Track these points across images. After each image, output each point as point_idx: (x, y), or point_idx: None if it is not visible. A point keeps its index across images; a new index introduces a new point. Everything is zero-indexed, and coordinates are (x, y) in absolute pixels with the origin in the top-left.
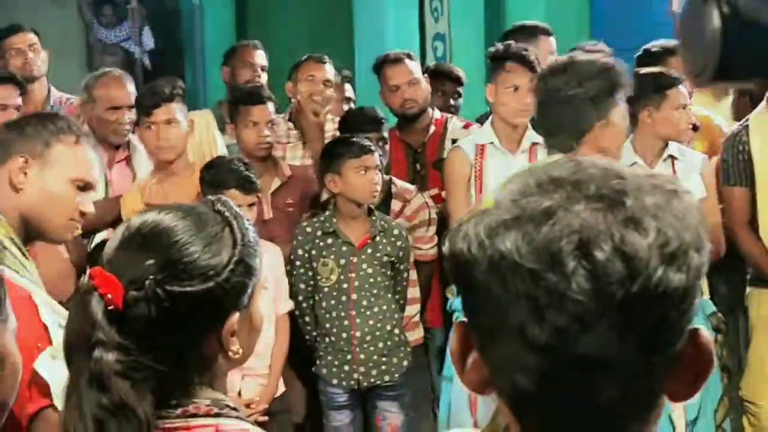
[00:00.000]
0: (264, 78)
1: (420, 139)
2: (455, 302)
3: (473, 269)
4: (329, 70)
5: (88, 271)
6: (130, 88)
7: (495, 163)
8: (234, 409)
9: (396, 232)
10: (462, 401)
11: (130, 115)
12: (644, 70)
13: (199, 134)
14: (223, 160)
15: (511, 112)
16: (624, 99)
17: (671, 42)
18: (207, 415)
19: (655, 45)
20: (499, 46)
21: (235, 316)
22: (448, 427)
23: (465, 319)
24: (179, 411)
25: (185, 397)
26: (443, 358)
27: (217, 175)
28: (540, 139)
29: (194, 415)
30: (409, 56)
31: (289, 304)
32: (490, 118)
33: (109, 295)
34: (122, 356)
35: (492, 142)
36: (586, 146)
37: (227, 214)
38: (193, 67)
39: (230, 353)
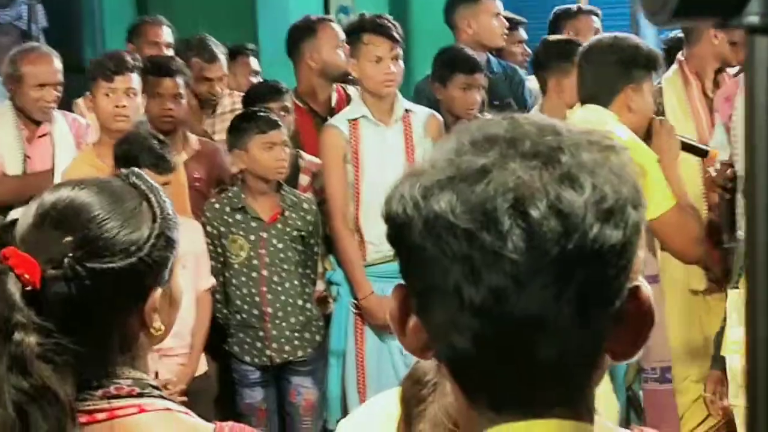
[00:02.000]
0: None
1: (326, 107)
2: (334, 275)
3: (409, 231)
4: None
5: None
6: (58, 65)
7: (369, 135)
8: (156, 388)
9: (305, 206)
10: (351, 381)
11: (56, 92)
12: (552, 38)
13: None
14: (137, 135)
15: (377, 84)
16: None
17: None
18: (129, 395)
19: (561, 8)
20: (353, 19)
21: (158, 292)
22: (342, 404)
23: (403, 283)
24: (100, 392)
25: (106, 378)
26: None
27: (130, 152)
28: (412, 105)
29: (116, 396)
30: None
31: (211, 281)
32: (359, 92)
33: (26, 275)
34: (42, 338)
35: (364, 116)
36: (618, 105)
37: (143, 187)
38: (93, 43)
39: (152, 330)
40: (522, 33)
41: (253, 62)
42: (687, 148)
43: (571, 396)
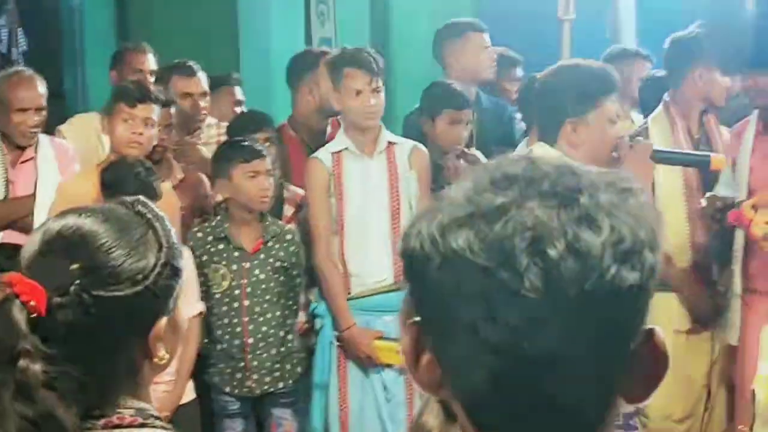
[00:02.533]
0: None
1: (320, 139)
2: (318, 307)
3: (426, 267)
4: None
5: (3, 278)
6: (41, 89)
7: (352, 167)
8: (158, 419)
9: (289, 237)
10: (334, 414)
11: (39, 117)
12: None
13: (86, 138)
14: (124, 162)
15: (357, 117)
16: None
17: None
18: (131, 425)
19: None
20: (335, 53)
21: (163, 321)
22: None
23: (417, 319)
24: (103, 422)
25: (109, 407)
26: None
27: (116, 178)
28: (395, 138)
29: (118, 426)
30: None
31: (199, 306)
32: (342, 125)
33: (32, 302)
34: (47, 366)
35: (347, 148)
36: (561, 141)
37: (149, 216)
38: (73, 68)
39: (156, 359)
40: (519, 71)
41: (237, 91)
42: (683, 162)
43: None
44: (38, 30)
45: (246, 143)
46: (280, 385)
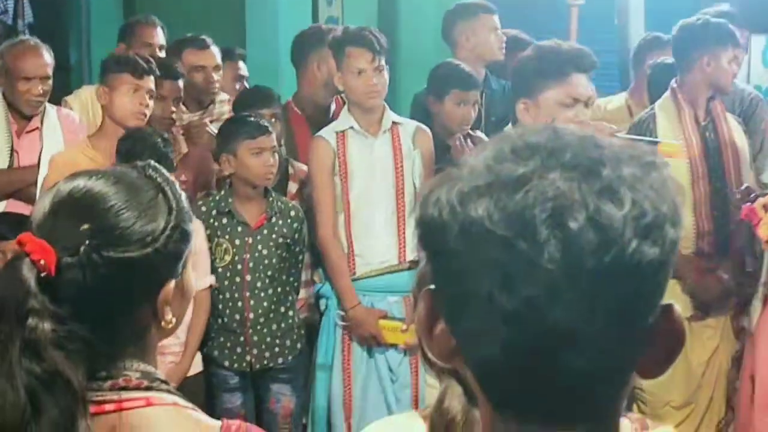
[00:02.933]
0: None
1: (325, 116)
2: (323, 288)
3: (444, 235)
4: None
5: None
6: (47, 59)
7: (357, 146)
8: (164, 382)
9: (292, 213)
10: (338, 394)
11: (44, 86)
12: None
13: (93, 109)
14: (142, 132)
15: (360, 96)
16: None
17: None
18: (137, 388)
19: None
20: (337, 32)
21: (171, 284)
22: (327, 417)
23: (432, 287)
24: (109, 383)
25: (115, 369)
26: None
27: (134, 148)
28: (399, 118)
29: (124, 388)
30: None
31: (209, 279)
32: (346, 104)
33: (42, 261)
34: (56, 325)
35: (351, 127)
36: (518, 120)
37: (159, 179)
38: (78, 42)
39: (163, 323)
40: None
41: (241, 66)
42: None
43: (597, 412)
44: (44, 2)
45: (252, 119)
46: (280, 360)
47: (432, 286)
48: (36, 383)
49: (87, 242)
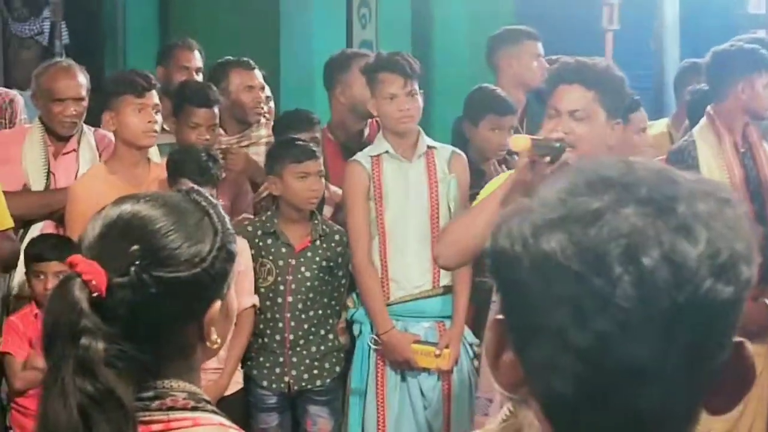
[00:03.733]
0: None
1: (357, 141)
2: (357, 313)
3: (515, 268)
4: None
5: (67, 260)
6: (81, 79)
7: (392, 170)
8: (209, 403)
9: (337, 237)
10: (371, 419)
11: (77, 108)
12: None
13: None
14: (190, 150)
15: (393, 121)
16: None
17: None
18: (184, 408)
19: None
20: (370, 58)
21: (217, 305)
22: None
23: (501, 317)
24: (157, 403)
25: (162, 388)
26: None
27: (181, 166)
28: (435, 143)
29: (172, 408)
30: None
31: (253, 299)
32: (381, 128)
33: (94, 282)
34: (108, 344)
35: (387, 151)
36: None
37: (203, 203)
38: (114, 62)
39: (209, 343)
40: None
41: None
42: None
43: None
44: (81, 24)
45: (299, 143)
46: (318, 382)
47: (501, 316)
48: (88, 402)
49: (137, 263)
